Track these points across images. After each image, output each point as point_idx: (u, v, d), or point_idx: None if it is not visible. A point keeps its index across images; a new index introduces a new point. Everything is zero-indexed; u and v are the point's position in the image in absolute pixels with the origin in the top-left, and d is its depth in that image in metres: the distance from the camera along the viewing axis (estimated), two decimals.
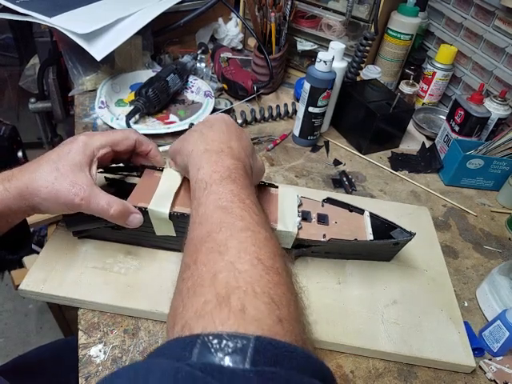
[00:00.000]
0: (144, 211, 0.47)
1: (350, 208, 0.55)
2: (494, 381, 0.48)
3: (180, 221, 0.47)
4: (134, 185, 0.51)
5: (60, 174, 0.42)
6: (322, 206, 0.55)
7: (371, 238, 0.52)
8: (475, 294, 0.58)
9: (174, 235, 0.49)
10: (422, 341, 0.48)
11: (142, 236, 0.51)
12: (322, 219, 0.53)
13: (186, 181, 0.50)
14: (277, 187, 0.55)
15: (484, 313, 0.56)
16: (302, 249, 0.53)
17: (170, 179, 0.50)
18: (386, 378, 0.46)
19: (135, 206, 0.46)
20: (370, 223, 0.54)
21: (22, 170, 0.43)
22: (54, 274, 0.48)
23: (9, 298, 1.51)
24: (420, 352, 0.47)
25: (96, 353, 0.43)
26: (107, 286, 0.48)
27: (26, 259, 1.12)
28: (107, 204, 0.43)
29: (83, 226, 0.50)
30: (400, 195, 0.73)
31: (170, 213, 0.46)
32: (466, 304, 0.57)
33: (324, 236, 0.51)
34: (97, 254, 0.51)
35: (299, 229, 0.51)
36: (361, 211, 0.55)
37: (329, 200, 0.56)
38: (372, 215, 0.55)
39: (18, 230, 0.46)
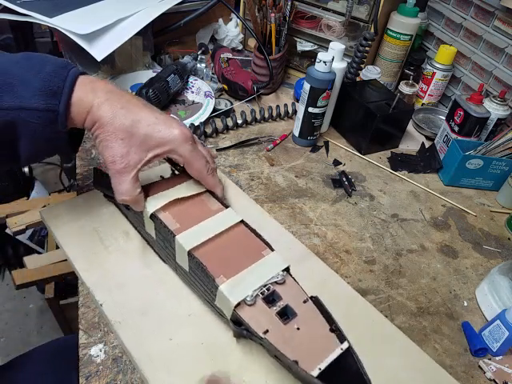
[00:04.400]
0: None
1: (333, 327, 0.39)
2: (494, 380, 0.48)
3: (159, 226, 0.47)
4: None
5: (129, 137, 0.43)
6: (304, 302, 0.41)
7: (316, 373, 0.35)
8: (475, 293, 0.58)
9: (154, 237, 0.50)
10: None
11: (139, 224, 0.52)
12: (286, 315, 0.40)
13: (195, 197, 0.51)
14: (272, 250, 0.45)
15: (483, 312, 0.56)
16: (243, 330, 0.41)
17: (185, 187, 0.51)
18: None
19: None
20: (337, 356, 0.37)
21: (113, 106, 0.43)
22: (68, 215, 0.55)
23: (9, 297, 1.51)
24: None
25: (96, 352, 0.44)
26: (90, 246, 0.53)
27: (27, 259, 1.13)
28: (124, 190, 0.44)
29: (105, 190, 0.54)
30: (399, 195, 0.73)
31: (152, 213, 0.47)
32: (465, 304, 0.57)
33: (265, 332, 0.38)
34: (108, 220, 0.56)
35: (249, 305, 0.40)
36: (342, 339, 0.38)
37: (315, 300, 0.42)
38: (352, 354, 0.37)
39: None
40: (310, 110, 0.74)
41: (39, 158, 0.47)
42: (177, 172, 0.56)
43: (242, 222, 0.48)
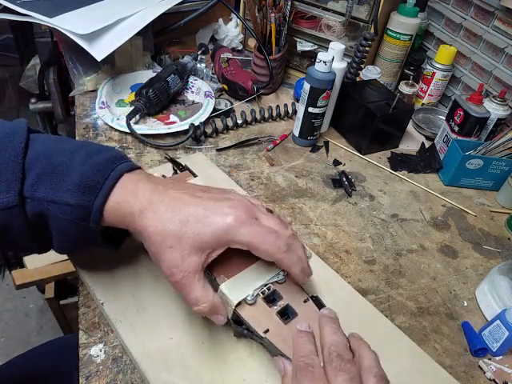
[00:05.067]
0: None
1: None
2: (494, 380, 0.48)
3: None
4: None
5: (178, 242, 0.37)
6: (305, 301, 0.42)
7: None
8: (474, 293, 0.58)
9: None
10: None
11: None
12: (286, 314, 0.41)
13: None
14: None
15: (483, 312, 0.56)
16: (243, 329, 0.41)
17: None
18: None
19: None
20: None
21: (157, 211, 0.38)
22: None
23: (9, 297, 1.51)
24: None
25: (96, 352, 0.44)
26: None
27: (27, 259, 1.13)
28: (196, 300, 0.38)
29: None
30: (399, 195, 0.73)
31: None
32: (465, 304, 0.57)
33: (266, 331, 0.39)
34: None
35: (250, 304, 0.40)
36: None
37: (316, 300, 0.43)
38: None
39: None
40: (310, 109, 0.75)
41: (75, 250, 0.44)
42: (178, 172, 0.57)
43: None
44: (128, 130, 0.73)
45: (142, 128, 0.74)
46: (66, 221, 0.38)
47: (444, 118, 0.83)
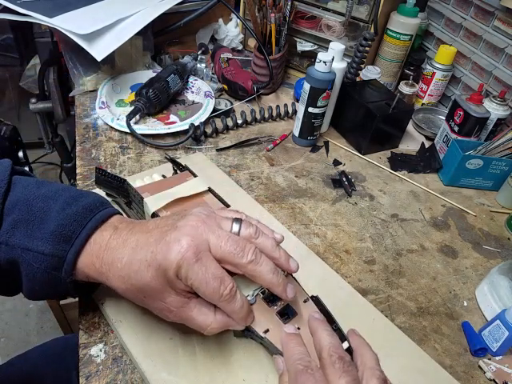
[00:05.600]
0: None
1: (333, 327, 0.39)
2: (494, 380, 0.48)
3: None
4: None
5: (149, 293, 0.37)
6: (305, 301, 0.42)
7: None
8: (474, 293, 0.58)
9: None
10: None
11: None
12: (286, 314, 0.41)
13: (197, 196, 0.51)
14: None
15: (483, 312, 0.56)
16: (243, 329, 0.41)
17: (188, 186, 0.51)
18: None
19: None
20: None
21: (116, 270, 0.37)
22: None
23: (9, 297, 1.51)
24: None
25: (96, 352, 0.44)
26: None
27: None
28: (204, 325, 0.37)
29: (107, 189, 0.54)
30: (399, 195, 0.73)
31: (154, 212, 0.47)
32: (465, 304, 0.57)
33: (266, 331, 0.39)
34: None
35: (250, 304, 0.40)
36: (342, 339, 0.38)
37: (316, 300, 0.43)
38: (351, 351, 0.37)
39: None
40: (310, 110, 0.75)
41: (44, 298, 0.43)
42: (179, 172, 0.57)
43: None
44: (128, 130, 0.73)
45: (142, 128, 0.74)
46: (39, 269, 0.37)
47: (444, 118, 0.83)
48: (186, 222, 0.37)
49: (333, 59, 0.70)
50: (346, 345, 0.38)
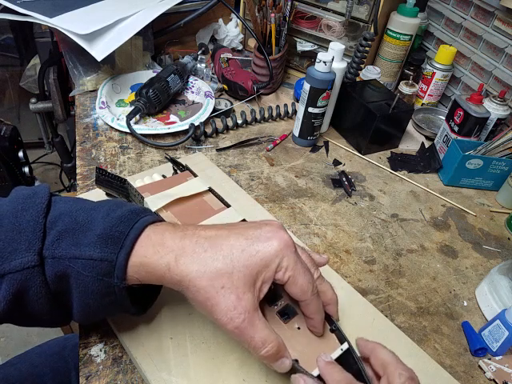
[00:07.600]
0: None
1: (333, 328, 0.40)
2: (494, 380, 0.48)
3: None
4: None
5: (229, 279, 0.34)
6: None
7: (317, 373, 0.36)
8: (474, 293, 0.58)
9: None
10: None
11: None
12: (286, 314, 0.41)
13: (197, 196, 0.51)
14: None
15: (483, 312, 0.56)
16: None
17: (188, 186, 0.51)
18: None
19: None
20: (337, 356, 0.38)
21: (194, 253, 0.35)
22: None
23: None
24: None
25: (96, 352, 0.44)
26: None
27: None
28: (262, 342, 0.34)
29: (107, 189, 0.53)
30: (399, 195, 0.73)
31: (154, 212, 0.47)
32: (465, 304, 0.57)
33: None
34: None
35: None
36: (342, 339, 0.39)
37: None
38: (353, 354, 0.38)
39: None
40: (310, 110, 0.75)
41: (96, 316, 0.40)
42: (179, 172, 0.57)
43: (244, 221, 0.48)
44: (128, 130, 0.73)
45: (142, 128, 0.74)
46: (89, 277, 0.35)
47: (444, 118, 0.83)
48: (270, 221, 0.38)
49: (333, 59, 0.70)
50: (345, 346, 0.38)
